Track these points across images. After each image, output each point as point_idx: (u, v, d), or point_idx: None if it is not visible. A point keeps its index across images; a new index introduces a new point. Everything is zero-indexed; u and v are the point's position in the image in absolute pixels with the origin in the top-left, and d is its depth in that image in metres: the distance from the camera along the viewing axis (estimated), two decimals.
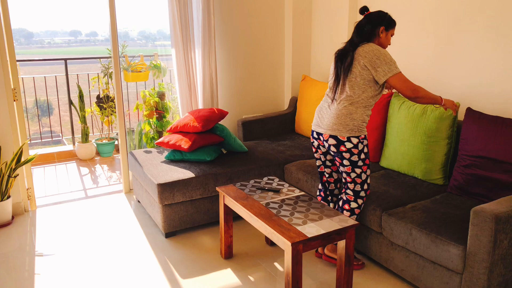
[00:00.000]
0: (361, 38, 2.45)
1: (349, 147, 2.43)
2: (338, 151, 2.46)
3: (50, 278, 2.61)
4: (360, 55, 2.38)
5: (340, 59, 2.48)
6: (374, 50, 2.37)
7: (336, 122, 2.43)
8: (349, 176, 2.51)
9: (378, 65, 2.35)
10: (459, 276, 2.12)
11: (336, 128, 2.43)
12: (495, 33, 2.77)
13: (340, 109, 2.44)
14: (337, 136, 2.43)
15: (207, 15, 3.73)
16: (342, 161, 2.49)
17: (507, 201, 2.08)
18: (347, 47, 2.47)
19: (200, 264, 2.75)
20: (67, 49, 40.35)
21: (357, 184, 2.52)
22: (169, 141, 3.32)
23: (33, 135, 7.36)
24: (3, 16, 3.19)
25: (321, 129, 2.52)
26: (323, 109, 2.56)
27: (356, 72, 2.38)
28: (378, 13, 2.49)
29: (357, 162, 2.47)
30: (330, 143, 2.48)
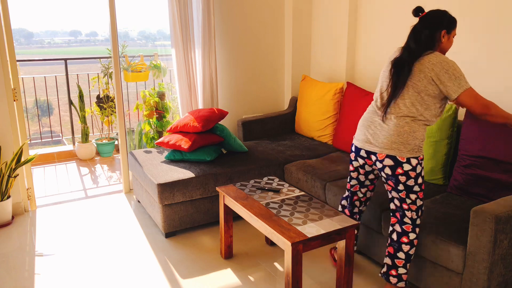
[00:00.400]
0: (419, 45, 2.16)
1: (407, 169, 2.15)
2: (394, 174, 2.18)
3: (50, 278, 2.61)
4: (426, 68, 2.09)
5: (397, 69, 2.17)
6: (441, 62, 2.08)
7: (396, 140, 2.14)
8: (405, 203, 2.22)
9: (447, 80, 2.06)
10: (459, 276, 2.12)
11: (396, 147, 2.14)
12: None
13: (401, 125, 2.14)
14: (395, 157, 2.15)
15: (207, 15, 3.73)
16: (396, 186, 2.20)
17: (507, 201, 2.08)
18: (404, 56, 2.18)
19: (200, 264, 2.75)
20: (67, 49, 40.36)
21: (412, 212, 2.22)
22: (169, 141, 3.32)
23: (33, 135, 7.36)
24: (3, 16, 3.19)
25: (374, 147, 2.21)
26: (375, 124, 2.24)
27: (421, 86, 2.11)
28: (435, 13, 2.19)
29: (413, 187, 2.18)
30: (385, 164, 2.18)
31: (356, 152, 2.34)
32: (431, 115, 2.16)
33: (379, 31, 3.62)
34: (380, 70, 3.64)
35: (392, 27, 3.49)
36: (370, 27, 3.70)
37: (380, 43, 3.62)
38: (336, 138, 3.62)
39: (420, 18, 2.20)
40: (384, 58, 3.60)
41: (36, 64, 23.21)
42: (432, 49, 2.16)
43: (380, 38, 3.62)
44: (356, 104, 3.41)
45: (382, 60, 3.62)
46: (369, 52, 3.75)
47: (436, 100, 2.14)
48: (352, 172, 2.44)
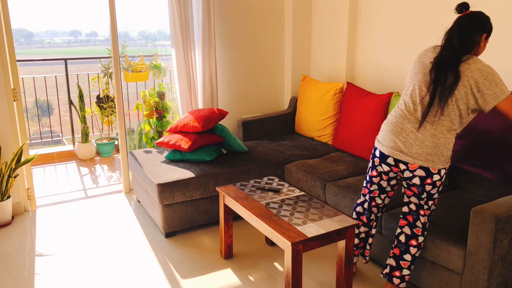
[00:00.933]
0: (464, 45, 2.00)
1: (435, 179, 2.09)
2: (422, 184, 2.11)
3: (50, 278, 2.61)
4: (465, 74, 1.96)
5: (440, 72, 2.00)
6: (481, 68, 1.95)
7: (431, 152, 2.04)
8: (422, 209, 2.18)
9: (486, 88, 1.94)
10: (459, 276, 2.12)
11: (431, 159, 2.05)
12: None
13: (438, 137, 2.04)
14: (428, 168, 2.06)
15: (207, 15, 3.73)
16: (420, 194, 2.14)
17: (507, 201, 2.08)
18: (447, 56, 2.00)
19: (200, 264, 2.75)
20: (67, 49, 40.35)
21: (425, 217, 2.20)
22: (169, 141, 3.32)
23: (33, 135, 7.36)
24: (3, 16, 3.19)
25: (407, 158, 2.08)
26: (407, 132, 2.09)
27: (458, 95, 1.98)
28: (481, 14, 2.04)
29: (433, 195, 2.15)
30: (416, 174, 2.10)
31: (382, 158, 2.19)
32: (462, 123, 2.07)
33: (379, 31, 3.62)
34: (380, 70, 3.64)
35: (392, 27, 3.49)
36: (370, 27, 3.70)
37: (380, 43, 3.62)
38: (336, 138, 3.62)
39: (466, 16, 2.02)
40: (384, 58, 3.60)
41: (36, 64, 23.20)
42: (470, 52, 2.02)
43: (380, 38, 3.62)
44: (356, 104, 3.41)
45: (382, 60, 3.62)
46: (369, 52, 3.75)
47: (469, 111, 2.03)
48: (374, 178, 2.29)
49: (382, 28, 3.59)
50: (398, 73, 3.48)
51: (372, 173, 2.30)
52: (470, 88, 1.96)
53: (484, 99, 1.96)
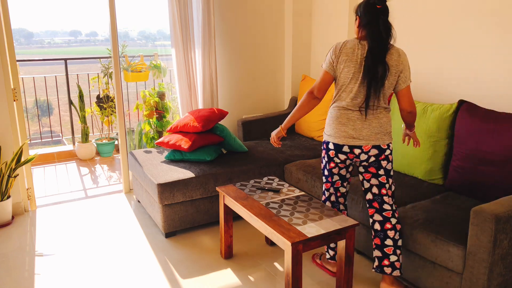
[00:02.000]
0: (388, 36, 2.20)
1: (387, 154, 2.30)
2: (377, 160, 2.29)
3: (50, 278, 2.61)
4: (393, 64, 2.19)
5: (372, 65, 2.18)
6: (403, 55, 2.22)
7: (379, 131, 2.26)
8: (384, 188, 2.32)
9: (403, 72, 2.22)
10: (459, 276, 2.12)
11: (380, 138, 2.27)
12: (492, 31, 2.77)
13: (380, 117, 2.27)
14: (379, 145, 2.27)
15: (207, 15, 3.73)
16: (378, 171, 2.31)
17: (507, 201, 2.08)
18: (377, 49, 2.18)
19: (200, 264, 2.75)
20: (67, 49, 40.36)
21: (389, 197, 2.33)
22: (169, 141, 3.32)
23: (33, 135, 7.36)
24: (3, 16, 3.19)
25: (359, 141, 2.27)
26: (353, 120, 2.28)
27: (388, 83, 2.22)
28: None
29: (390, 171, 2.34)
30: (371, 154, 2.28)
31: (337, 149, 2.34)
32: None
33: None
34: None
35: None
36: None
37: None
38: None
39: (385, 7, 2.22)
40: None
41: (36, 64, 23.21)
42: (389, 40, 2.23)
43: None
44: None
45: None
46: None
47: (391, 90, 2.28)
48: (334, 169, 2.44)
49: None
50: None
51: (330, 166, 2.44)
52: (396, 75, 2.22)
53: (401, 81, 2.23)
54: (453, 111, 2.73)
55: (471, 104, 2.67)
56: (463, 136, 2.62)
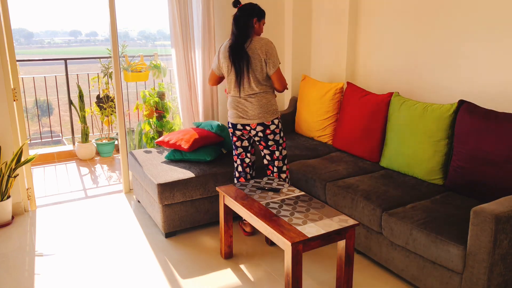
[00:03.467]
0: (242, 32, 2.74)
1: (272, 128, 2.83)
2: (264, 135, 2.84)
3: (50, 278, 2.61)
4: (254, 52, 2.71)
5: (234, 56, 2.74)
6: (264, 44, 2.73)
7: (261, 111, 2.79)
8: (274, 155, 2.91)
9: (268, 58, 2.73)
10: (459, 276, 2.12)
11: (262, 116, 2.80)
12: (489, 32, 2.77)
13: (260, 99, 2.80)
14: (263, 122, 2.80)
15: (207, 15, 3.73)
16: (267, 143, 2.87)
17: (507, 201, 2.08)
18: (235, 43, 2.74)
19: (200, 264, 2.75)
20: (67, 49, 40.36)
21: (279, 161, 2.94)
22: (169, 140, 3.32)
23: (33, 135, 7.36)
24: (3, 16, 3.19)
25: (247, 121, 2.83)
26: (242, 103, 2.82)
27: (254, 69, 2.75)
28: (248, 4, 2.80)
29: (279, 141, 2.89)
30: (258, 130, 2.82)
31: (233, 127, 2.91)
32: (270, 86, 2.84)
33: (379, 31, 3.62)
34: (381, 70, 3.64)
35: (392, 27, 3.49)
36: (370, 27, 3.70)
37: (380, 43, 3.62)
38: (336, 138, 3.62)
39: (238, 9, 2.77)
40: (384, 58, 3.60)
41: (36, 64, 23.21)
42: (249, 36, 2.73)
43: (380, 38, 3.62)
44: (356, 104, 3.41)
45: (382, 60, 3.62)
46: (369, 52, 3.75)
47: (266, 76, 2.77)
48: (237, 142, 2.97)
49: (382, 28, 3.59)
50: (398, 73, 3.48)
51: (234, 140, 2.98)
52: (260, 61, 2.71)
53: (269, 67, 2.74)
54: (453, 111, 2.73)
55: (471, 104, 2.67)
56: (463, 136, 2.62)
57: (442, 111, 2.77)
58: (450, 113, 2.73)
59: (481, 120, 2.54)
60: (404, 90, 3.41)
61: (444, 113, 2.75)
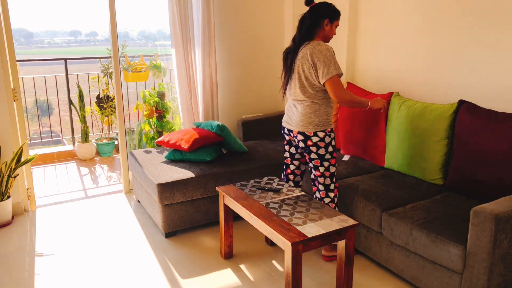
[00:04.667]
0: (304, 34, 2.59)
1: (315, 141, 2.59)
2: (306, 146, 2.63)
3: (50, 278, 2.61)
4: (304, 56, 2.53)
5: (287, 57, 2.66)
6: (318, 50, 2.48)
7: (302, 119, 2.61)
8: (318, 171, 2.65)
9: (319, 67, 2.48)
10: (459, 276, 2.12)
11: (303, 125, 2.61)
12: (488, 31, 2.77)
13: (304, 108, 2.62)
14: (304, 132, 2.60)
15: (207, 15, 3.73)
16: (310, 155, 2.66)
17: (507, 201, 2.08)
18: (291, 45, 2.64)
19: (200, 264, 2.75)
20: (67, 49, 40.36)
21: (326, 178, 2.66)
22: (169, 140, 3.32)
23: (33, 135, 7.36)
24: (3, 16, 3.19)
25: (291, 126, 2.70)
26: (291, 107, 2.73)
27: (301, 73, 2.58)
28: (322, 4, 2.63)
29: (324, 156, 2.63)
30: (299, 139, 2.65)
31: (283, 130, 2.82)
32: (321, 97, 2.57)
33: (379, 31, 3.62)
34: (381, 70, 3.65)
35: (392, 26, 3.49)
36: (370, 27, 3.70)
37: (380, 43, 3.62)
38: (336, 138, 3.62)
39: (310, 8, 2.56)
40: (384, 58, 3.60)
41: (36, 64, 23.20)
42: (312, 38, 2.53)
43: (380, 38, 3.62)
44: None
45: (382, 60, 3.62)
46: (369, 52, 3.74)
47: (315, 84, 2.52)
48: (285, 146, 2.87)
49: (382, 28, 3.59)
50: (398, 73, 3.48)
51: (284, 142, 2.88)
52: (309, 67, 2.48)
53: (320, 75, 2.46)
54: (453, 111, 2.73)
55: (471, 104, 2.67)
56: (463, 136, 2.62)
57: (442, 111, 2.77)
58: (450, 113, 2.73)
59: (481, 120, 2.55)
60: (404, 90, 3.41)
61: (444, 113, 2.75)
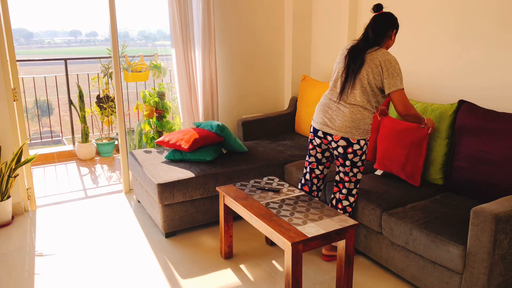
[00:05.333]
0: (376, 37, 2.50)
1: (355, 148, 2.52)
2: (345, 152, 2.54)
3: (50, 278, 2.61)
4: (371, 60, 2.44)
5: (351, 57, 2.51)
6: (386, 59, 2.43)
7: (350, 125, 2.50)
8: (347, 176, 2.60)
9: (385, 77, 2.43)
10: (459, 276, 2.12)
11: (349, 131, 2.51)
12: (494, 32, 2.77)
13: (354, 113, 2.51)
14: (348, 138, 2.50)
15: (207, 15, 3.73)
16: (344, 162, 2.58)
17: (507, 201, 2.08)
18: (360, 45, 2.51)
19: (200, 264, 2.75)
20: (67, 49, 40.35)
21: (351, 183, 2.62)
22: (169, 140, 3.32)
23: (33, 135, 7.36)
24: (3, 16, 3.19)
25: (331, 130, 2.56)
26: (332, 109, 2.57)
27: (364, 77, 2.47)
28: (392, 14, 2.54)
29: (357, 163, 2.57)
30: (339, 144, 2.54)
31: (314, 133, 2.64)
32: (376, 102, 2.51)
33: None
34: None
35: None
36: None
37: None
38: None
39: (381, 14, 2.50)
40: None
41: (36, 64, 23.17)
42: (380, 44, 2.49)
43: None
44: None
45: None
46: None
47: (376, 91, 2.47)
48: (311, 150, 2.72)
49: None
50: None
51: (310, 147, 2.72)
52: (375, 73, 2.41)
53: (386, 84, 2.41)
54: (453, 111, 2.73)
55: (471, 104, 2.67)
56: (463, 136, 2.62)
57: (442, 111, 2.77)
58: (450, 113, 2.73)
59: (481, 120, 2.55)
60: (405, 90, 3.41)
61: (444, 113, 2.75)
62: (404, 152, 2.79)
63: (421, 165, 2.76)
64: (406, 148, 2.79)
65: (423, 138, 2.73)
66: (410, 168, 2.78)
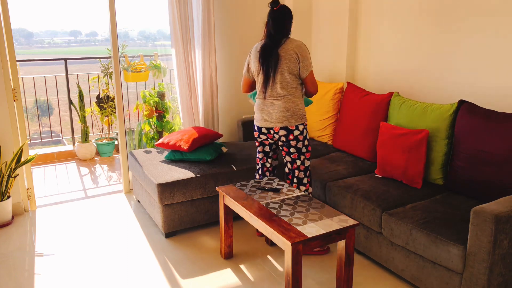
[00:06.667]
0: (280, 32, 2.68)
1: (296, 134, 2.72)
2: (287, 140, 2.74)
3: (50, 278, 2.61)
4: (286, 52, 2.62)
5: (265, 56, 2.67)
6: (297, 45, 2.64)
7: (285, 114, 2.70)
8: (295, 164, 2.77)
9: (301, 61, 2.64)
10: (459, 276, 2.12)
11: (286, 120, 2.71)
12: (491, 32, 2.77)
13: (286, 102, 2.71)
14: (287, 126, 2.70)
15: (207, 15, 3.73)
16: (289, 149, 2.77)
17: (507, 201, 2.08)
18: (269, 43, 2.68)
19: (200, 264, 2.75)
20: (67, 49, 40.36)
21: (300, 171, 2.80)
22: (168, 141, 3.32)
23: (33, 135, 7.36)
24: (3, 16, 3.19)
25: (270, 124, 2.76)
26: (267, 106, 2.76)
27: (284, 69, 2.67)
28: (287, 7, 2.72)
29: (301, 149, 2.76)
30: (280, 134, 2.74)
31: (258, 131, 2.85)
32: (300, 89, 2.73)
33: (379, 32, 3.62)
34: (381, 70, 3.65)
35: (392, 27, 3.49)
36: (370, 27, 3.70)
37: (380, 42, 3.62)
38: (336, 138, 3.62)
39: (278, 9, 2.65)
40: (384, 58, 3.60)
41: (36, 64, 23.18)
42: (286, 36, 2.69)
43: (380, 39, 3.62)
44: (356, 104, 3.41)
45: (382, 60, 3.62)
46: (369, 52, 3.75)
47: (297, 77, 2.67)
48: (259, 147, 2.94)
49: (382, 29, 3.59)
50: (398, 73, 3.48)
51: (257, 144, 2.94)
52: (293, 62, 2.61)
53: (302, 70, 2.64)
54: (453, 111, 2.73)
55: (471, 104, 2.67)
56: (463, 136, 2.62)
57: (442, 111, 2.77)
58: (450, 113, 2.73)
59: (481, 120, 2.55)
60: (404, 90, 3.41)
61: (444, 113, 2.75)
62: (404, 157, 2.79)
63: (421, 169, 2.75)
64: (405, 153, 2.79)
65: (421, 141, 2.73)
66: (411, 173, 2.77)
